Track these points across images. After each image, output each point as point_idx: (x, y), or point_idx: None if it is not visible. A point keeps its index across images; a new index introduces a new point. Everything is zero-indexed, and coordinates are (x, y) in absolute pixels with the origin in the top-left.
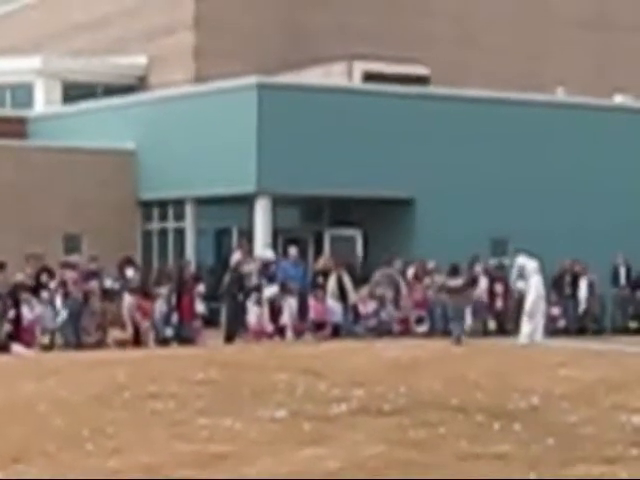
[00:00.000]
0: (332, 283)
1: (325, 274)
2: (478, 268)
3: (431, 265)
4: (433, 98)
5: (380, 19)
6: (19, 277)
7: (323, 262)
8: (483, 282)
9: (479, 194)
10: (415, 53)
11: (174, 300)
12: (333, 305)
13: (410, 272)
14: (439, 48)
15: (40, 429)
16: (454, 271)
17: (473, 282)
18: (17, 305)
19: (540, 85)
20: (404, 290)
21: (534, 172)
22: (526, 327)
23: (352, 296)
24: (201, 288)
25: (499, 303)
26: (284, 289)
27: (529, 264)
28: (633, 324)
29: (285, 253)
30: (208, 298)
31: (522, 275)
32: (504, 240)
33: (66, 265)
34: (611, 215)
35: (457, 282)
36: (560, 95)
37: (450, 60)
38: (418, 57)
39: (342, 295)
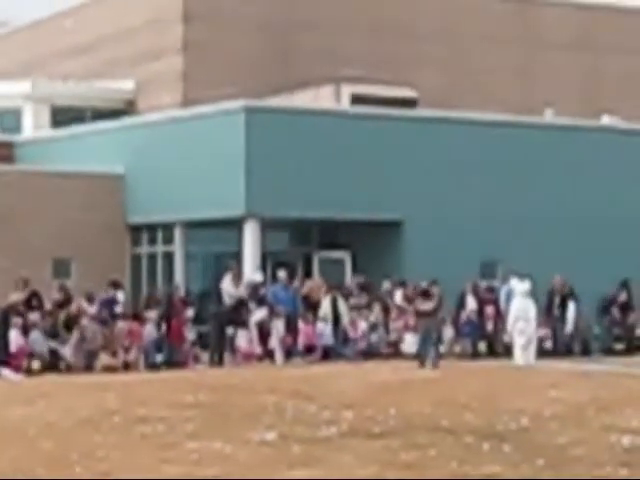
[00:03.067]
0: (326, 306)
1: (310, 298)
2: (467, 291)
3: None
4: (421, 120)
5: (368, 42)
6: (12, 299)
7: (310, 286)
8: (471, 303)
9: (468, 216)
10: (403, 76)
11: (164, 325)
12: (323, 328)
13: (398, 294)
14: (427, 71)
15: (29, 452)
16: (425, 294)
17: (460, 306)
18: (6, 328)
19: (529, 107)
20: (394, 312)
21: (523, 194)
22: (516, 348)
23: (346, 320)
24: (190, 313)
25: (489, 325)
26: (272, 312)
27: (517, 286)
28: (619, 346)
29: (274, 276)
30: (198, 322)
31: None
32: (493, 262)
33: (89, 298)
34: (601, 237)
35: (428, 305)
36: (548, 117)
37: (438, 82)
38: (406, 80)
39: (335, 318)
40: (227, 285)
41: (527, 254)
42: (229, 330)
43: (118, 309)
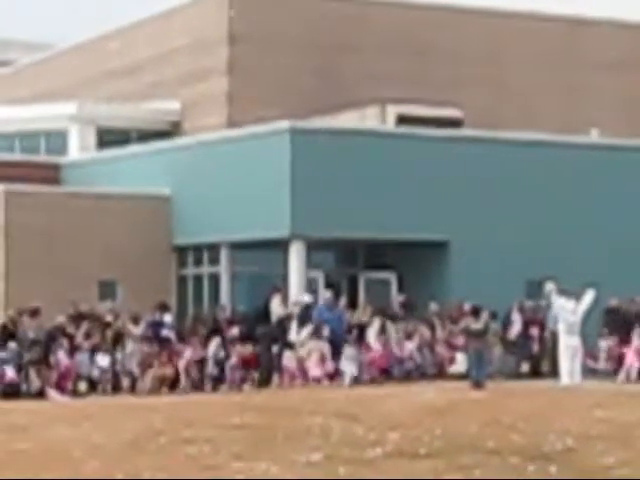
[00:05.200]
0: (375, 330)
1: (362, 327)
2: (514, 309)
3: (467, 307)
4: (467, 141)
5: (412, 62)
6: (59, 320)
7: (362, 313)
8: (517, 323)
9: (513, 236)
10: (448, 96)
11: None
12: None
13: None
14: (472, 91)
15: (75, 474)
16: (476, 313)
17: (507, 324)
18: (53, 349)
19: (574, 127)
20: (440, 333)
21: (569, 213)
22: (563, 367)
23: (394, 344)
24: (235, 331)
25: (534, 345)
26: (317, 333)
27: (566, 305)
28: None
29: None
30: (247, 342)
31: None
32: (539, 281)
33: (135, 320)
34: None
35: (478, 325)
36: (594, 137)
37: (483, 103)
38: (451, 100)
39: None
40: (276, 306)
41: (573, 273)
42: (274, 349)
43: (165, 332)
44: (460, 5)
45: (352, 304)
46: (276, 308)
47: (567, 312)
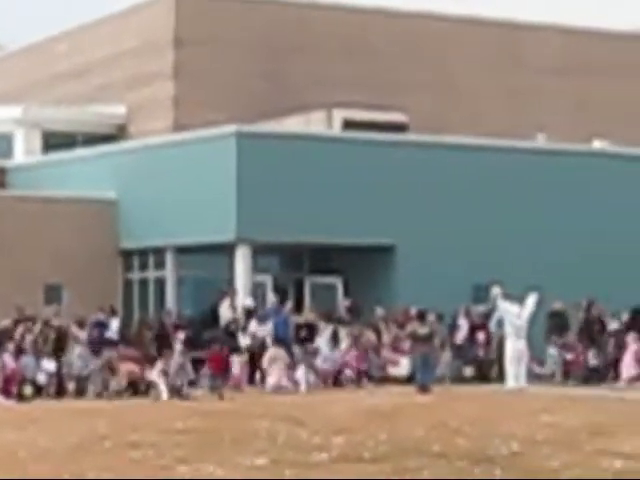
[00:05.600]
0: (327, 336)
1: (308, 327)
2: (460, 314)
3: (413, 311)
4: (412, 145)
5: (359, 67)
6: (4, 323)
7: (308, 316)
8: (464, 328)
9: (460, 240)
10: (394, 100)
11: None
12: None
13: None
14: (418, 95)
15: (21, 475)
16: (421, 317)
17: (454, 328)
18: None
19: (520, 131)
20: (386, 337)
21: (514, 217)
22: (509, 371)
23: (344, 349)
24: (181, 336)
25: (481, 350)
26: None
27: (511, 309)
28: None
29: (264, 300)
30: (194, 347)
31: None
32: (485, 286)
33: (80, 324)
34: (594, 258)
35: (424, 330)
36: (540, 141)
37: (429, 107)
38: (397, 104)
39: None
40: (224, 310)
41: (518, 277)
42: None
43: (109, 334)
44: (405, 9)
45: (298, 308)
46: (225, 312)
47: (512, 316)
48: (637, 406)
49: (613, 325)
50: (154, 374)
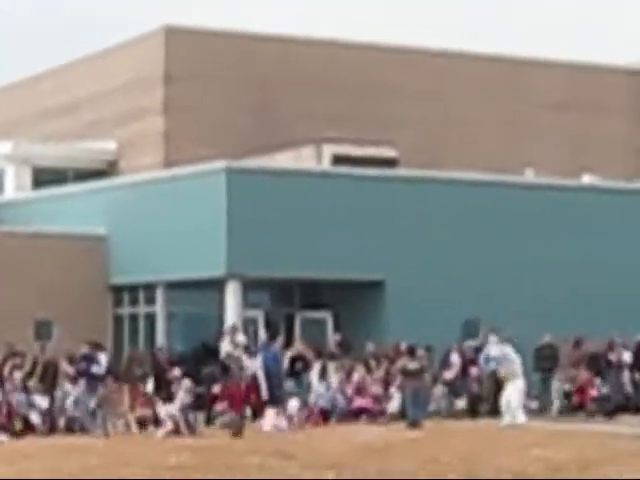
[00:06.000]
0: (316, 372)
1: (302, 359)
2: (453, 351)
3: (403, 347)
4: (402, 180)
5: (348, 102)
6: None
7: (299, 348)
8: (456, 365)
9: (449, 275)
10: (384, 135)
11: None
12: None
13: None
14: (408, 130)
15: None
16: (412, 352)
17: (445, 364)
18: None
19: (509, 166)
20: (376, 373)
21: (504, 253)
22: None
23: (334, 385)
24: (177, 372)
25: (474, 385)
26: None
27: (507, 351)
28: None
29: (256, 336)
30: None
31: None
32: (475, 321)
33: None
34: (583, 293)
35: (414, 365)
36: (529, 176)
37: (419, 142)
38: (387, 139)
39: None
40: (226, 345)
41: (509, 312)
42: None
43: (95, 369)
44: (395, 44)
45: (288, 343)
46: (226, 348)
47: (509, 362)
48: (629, 441)
49: (626, 357)
50: (162, 412)
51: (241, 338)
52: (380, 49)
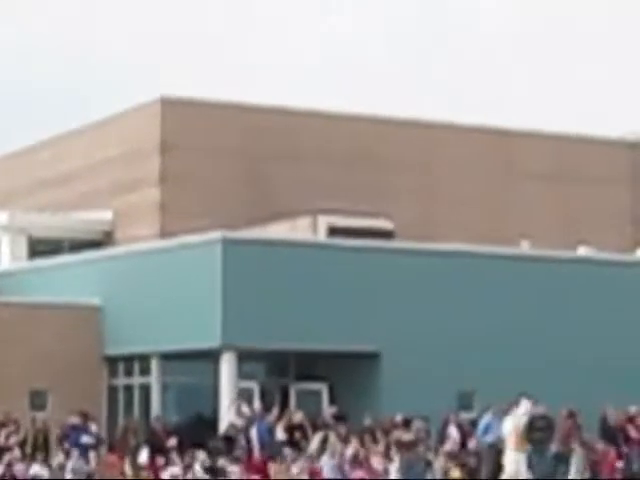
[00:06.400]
0: (316, 441)
1: (301, 429)
2: (450, 423)
3: (398, 418)
4: (398, 252)
5: (343, 173)
6: None
7: (298, 416)
8: (454, 438)
9: (445, 347)
10: (379, 207)
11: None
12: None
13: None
14: (403, 202)
15: None
16: (407, 424)
17: (443, 437)
18: None
19: (504, 238)
20: (379, 447)
21: (499, 324)
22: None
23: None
24: (173, 442)
25: (471, 458)
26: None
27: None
28: None
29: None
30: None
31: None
32: (470, 393)
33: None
34: (579, 365)
35: (409, 436)
36: (524, 248)
37: (414, 213)
38: (382, 211)
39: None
40: (232, 417)
41: (504, 385)
42: (220, 462)
43: (85, 439)
44: (390, 116)
45: (282, 415)
46: (232, 419)
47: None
48: None
49: None
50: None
51: (246, 409)
52: (374, 121)
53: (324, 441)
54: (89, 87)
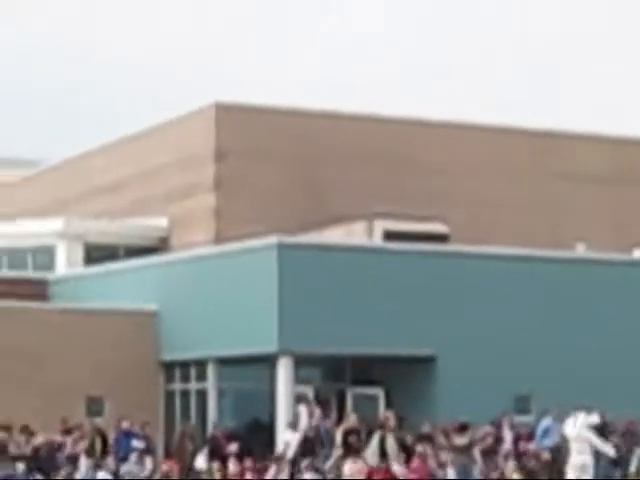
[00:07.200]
0: (375, 444)
1: (356, 433)
2: (505, 425)
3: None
4: (453, 256)
5: (399, 177)
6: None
7: (353, 420)
8: (508, 439)
9: (501, 351)
10: (434, 211)
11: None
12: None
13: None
14: (458, 206)
15: None
16: (462, 429)
17: (498, 440)
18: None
19: (560, 241)
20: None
21: (556, 328)
22: None
23: (394, 460)
24: (234, 447)
25: (532, 461)
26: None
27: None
28: None
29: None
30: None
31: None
32: (527, 397)
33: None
34: (633, 369)
35: (463, 440)
36: (580, 251)
37: (469, 217)
38: (438, 215)
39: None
40: (304, 420)
41: (560, 387)
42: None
43: (135, 443)
44: (442, 119)
45: (340, 419)
46: (304, 422)
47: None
48: None
49: None
50: None
51: (318, 411)
52: (429, 125)
53: (382, 442)
54: (144, 92)
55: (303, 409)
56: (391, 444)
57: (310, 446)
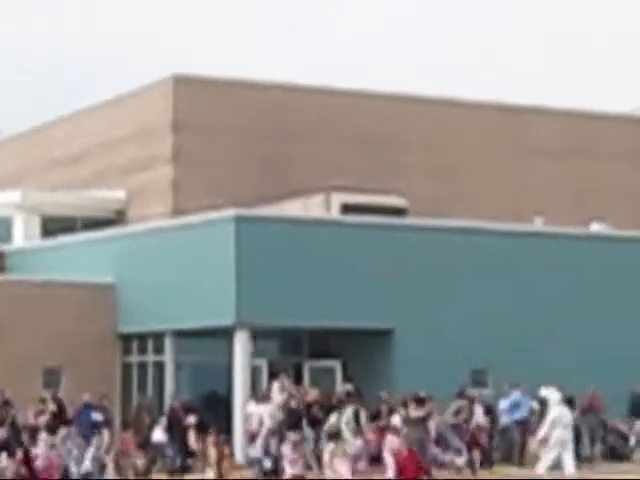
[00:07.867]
0: (349, 416)
1: (319, 405)
2: (474, 398)
3: (421, 395)
4: (411, 229)
5: (357, 151)
6: None
7: (315, 394)
8: (479, 412)
9: (458, 324)
10: (393, 184)
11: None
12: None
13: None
14: (416, 179)
15: None
16: (419, 402)
17: (471, 413)
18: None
19: (518, 215)
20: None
21: (512, 301)
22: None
23: (366, 432)
24: (192, 419)
25: (483, 436)
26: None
27: (552, 395)
28: None
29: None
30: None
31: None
32: (483, 370)
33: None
34: (591, 343)
35: (419, 413)
36: (538, 225)
37: (427, 191)
38: (396, 188)
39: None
40: (276, 394)
41: (517, 362)
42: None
43: (94, 415)
44: (403, 93)
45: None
46: (276, 396)
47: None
48: None
49: None
50: None
51: (290, 384)
52: (387, 98)
53: (356, 416)
54: (101, 66)
55: (276, 384)
56: (364, 418)
57: (296, 419)
